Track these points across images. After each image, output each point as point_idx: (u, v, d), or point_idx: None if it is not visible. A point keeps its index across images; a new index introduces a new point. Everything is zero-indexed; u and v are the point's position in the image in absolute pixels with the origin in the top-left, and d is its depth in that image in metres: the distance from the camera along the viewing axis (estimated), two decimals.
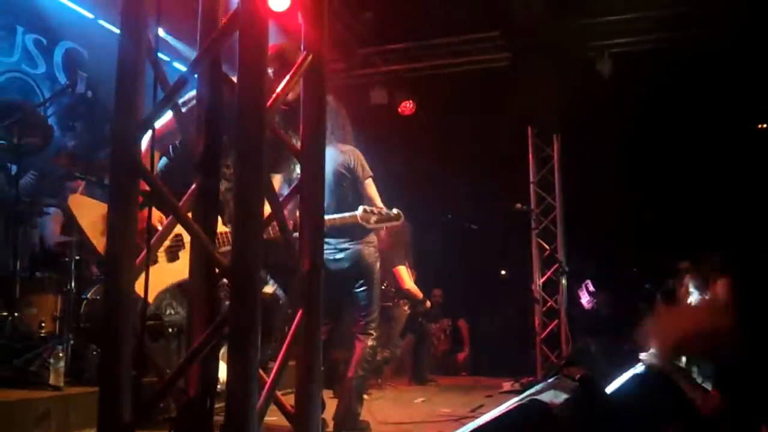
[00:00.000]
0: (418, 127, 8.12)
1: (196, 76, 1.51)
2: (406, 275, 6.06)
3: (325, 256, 4.48)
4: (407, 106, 7.96)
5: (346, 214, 3.36)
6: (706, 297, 4.03)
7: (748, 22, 6.30)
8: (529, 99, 7.30)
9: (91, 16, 5.98)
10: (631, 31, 7.07)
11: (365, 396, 5.40)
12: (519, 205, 7.38)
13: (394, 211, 3.42)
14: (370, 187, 3.76)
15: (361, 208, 3.34)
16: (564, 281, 7.37)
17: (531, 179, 7.90)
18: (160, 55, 1.58)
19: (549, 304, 7.48)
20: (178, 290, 4.42)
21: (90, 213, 2.83)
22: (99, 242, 2.83)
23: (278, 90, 1.44)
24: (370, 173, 3.81)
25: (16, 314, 3.61)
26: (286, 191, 2.88)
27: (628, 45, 7.18)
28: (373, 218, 3.35)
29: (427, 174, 8.09)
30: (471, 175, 8.39)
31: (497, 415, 1.81)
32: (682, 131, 7.85)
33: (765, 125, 8.46)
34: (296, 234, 1.65)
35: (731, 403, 2.68)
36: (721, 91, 7.42)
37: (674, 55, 7.02)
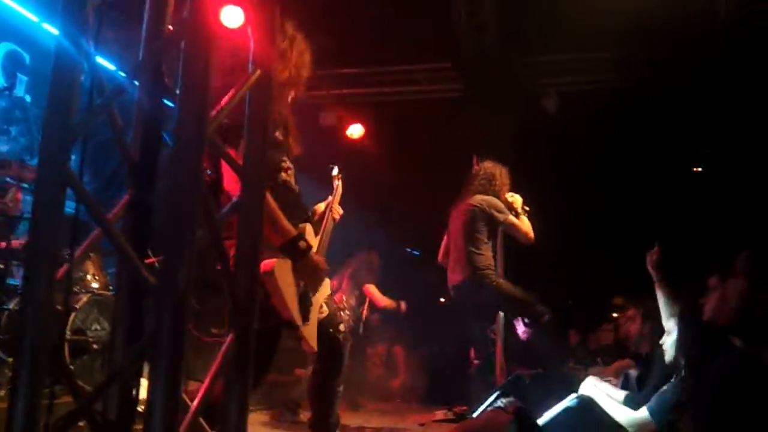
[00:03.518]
0: (366, 152, 8.12)
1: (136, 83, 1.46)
2: (377, 293, 6.45)
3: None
4: (356, 131, 7.96)
5: None
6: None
7: (689, 69, 6.56)
8: (477, 129, 7.40)
9: (35, 19, 5.78)
10: (579, 71, 7.27)
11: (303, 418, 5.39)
12: None
13: None
14: None
15: None
16: (501, 312, 7.41)
17: None
18: (105, 63, 1.52)
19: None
20: (105, 305, 4.27)
21: (281, 273, 2.46)
22: (291, 301, 2.52)
23: (222, 102, 1.40)
24: None
25: None
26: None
27: (575, 84, 7.38)
28: None
29: (371, 197, 8.08)
30: (415, 201, 8.42)
31: None
32: (623, 170, 8.07)
33: (701, 168, 8.79)
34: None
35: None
36: (661, 133, 7.68)
37: (619, 97, 7.24)
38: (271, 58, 1.47)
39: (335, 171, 3.53)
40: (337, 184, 3.48)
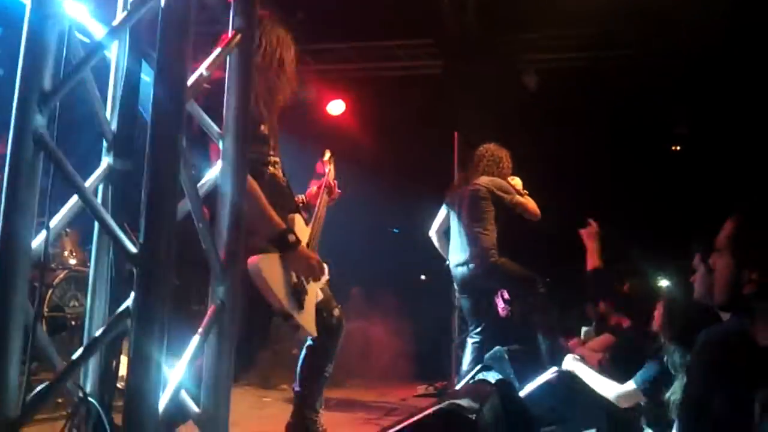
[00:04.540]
0: (346, 127, 8.07)
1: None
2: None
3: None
4: (336, 106, 7.90)
5: None
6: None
7: (668, 47, 6.57)
8: (457, 106, 7.37)
9: None
10: (559, 48, 7.25)
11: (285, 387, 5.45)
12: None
13: None
14: None
15: None
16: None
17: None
18: (83, 38, 1.48)
19: None
20: (82, 282, 4.22)
21: (267, 266, 2.51)
22: (281, 293, 2.56)
23: (201, 67, 1.36)
24: None
25: None
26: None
27: (555, 61, 7.36)
28: None
29: (351, 174, 8.01)
30: (396, 178, 8.40)
31: (417, 418, 1.78)
32: (602, 148, 8.10)
33: (678, 147, 8.86)
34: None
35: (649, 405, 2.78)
36: (640, 112, 7.71)
37: (598, 75, 7.24)
38: (251, 23, 1.43)
39: (327, 156, 3.54)
40: (329, 168, 3.49)
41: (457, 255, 5.07)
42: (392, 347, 8.32)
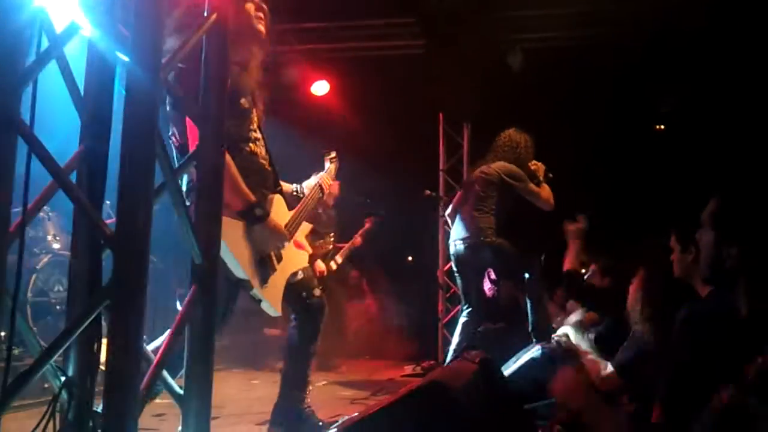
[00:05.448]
0: (330, 109, 8.03)
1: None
2: None
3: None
4: (321, 87, 7.85)
5: None
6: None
7: (653, 27, 6.56)
8: (441, 87, 7.34)
9: None
10: (543, 27, 7.22)
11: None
12: (428, 192, 7.42)
13: None
14: None
15: None
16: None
17: (441, 167, 7.98)
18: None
19: (452, 290, 7.58)
20: (66, 266, 4.20)
21: (229, 233, 2.45)
22: (243, 261, 2.56)
23: (176, 46, 1.34)
24: None
25: None
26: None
27: (540, 41, 7.34)
28: None
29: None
30: (381, 160, 8.38)
31: (398, 396, 1.79)
32: (586, 127, 8.11)
33: (662, 127, 8.88)
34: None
35: (629, 386, 2.82)
36: (625, 91, 7.72)
37: (583, 54, 7.23)
38: (227, 2, 1.41)
39: (332, 154, 3.57)
40: (329, 166, 3.51)
41: (456, 233, 5.17)
42: (380, 328, 8.36)
